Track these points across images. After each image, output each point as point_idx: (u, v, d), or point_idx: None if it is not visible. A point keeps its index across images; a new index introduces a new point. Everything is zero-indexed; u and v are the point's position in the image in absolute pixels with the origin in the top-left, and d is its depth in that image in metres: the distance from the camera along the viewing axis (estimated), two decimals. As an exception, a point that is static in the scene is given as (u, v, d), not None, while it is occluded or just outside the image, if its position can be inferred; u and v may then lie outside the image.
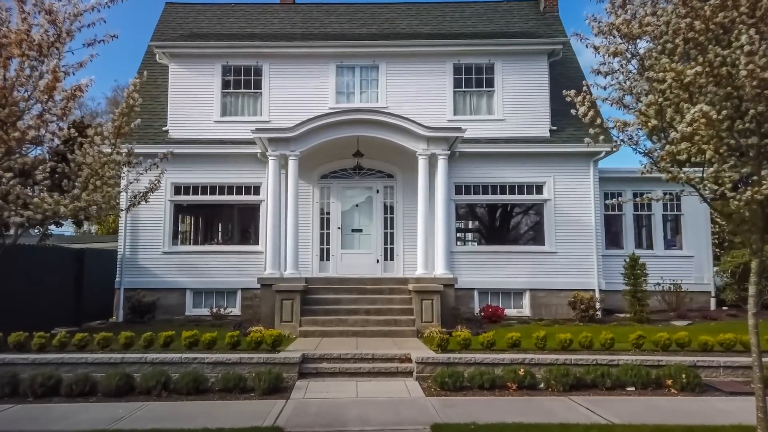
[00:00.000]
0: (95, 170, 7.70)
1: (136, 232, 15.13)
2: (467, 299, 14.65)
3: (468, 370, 8.45)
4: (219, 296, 15.13)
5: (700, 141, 4.82)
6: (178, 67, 15.76)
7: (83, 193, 7.48)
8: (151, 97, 16.61)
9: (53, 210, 6.97)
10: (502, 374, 8.22)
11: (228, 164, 15.23)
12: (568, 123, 15.70)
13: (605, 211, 15.84)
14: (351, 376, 8.88)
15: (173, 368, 8.56)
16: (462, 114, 15.44)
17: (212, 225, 16.29)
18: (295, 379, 8.65)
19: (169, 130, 15.53)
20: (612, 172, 16.07)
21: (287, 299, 12.08)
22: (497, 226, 15.98)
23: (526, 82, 15.47)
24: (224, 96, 15.70)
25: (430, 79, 15.50)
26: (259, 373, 8.20)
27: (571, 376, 7.98)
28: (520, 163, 15.14)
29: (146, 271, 14.99)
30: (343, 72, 15.74)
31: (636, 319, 13.54)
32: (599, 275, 14.81)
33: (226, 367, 8.62)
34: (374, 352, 9.32)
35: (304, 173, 14.76)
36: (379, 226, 15.18)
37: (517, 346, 9.15)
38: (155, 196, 15.11)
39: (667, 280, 15.04)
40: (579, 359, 8.55)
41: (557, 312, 14.66)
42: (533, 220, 15.59)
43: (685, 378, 7.94)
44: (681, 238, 16.26)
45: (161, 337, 9.27)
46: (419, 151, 13.41)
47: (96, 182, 7.66)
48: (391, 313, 12.39)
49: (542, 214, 15.21)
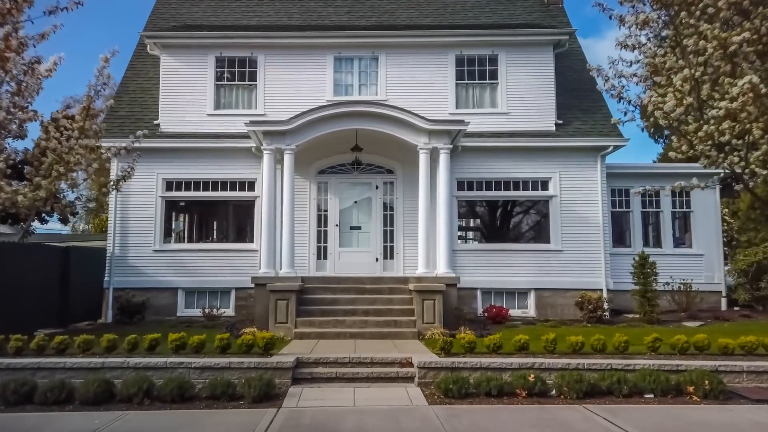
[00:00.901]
0: (60, 155, 7.11)
1: (126, 229, 14.55)
2: (470, 299, 14.08)
3: (473, 375, 7.88)
4: (212, 296, 14.55)
5: (746, 119, 4.26)
6: (170, 58, 15.18)
7: (44, 181, 6.89)
8: (143, 90, 16.06)
9: (11, 200, 6.39)
10: (511, 380, 7.64)
11: (222, 159, 14.66)
12: (574, 117, 15.19)
13: (612, 208, 15.29)
14: (348, 382, 8.31)
15: (158, 374, 7.99)
16: (464, 107, 14.87)
17: (205, 222, 15.71)
18: (288, 385, 8.07)
19: (161, 124, 14.94)
20: (619, 168, 15.52)
21: (282, 299, 11.51)
22: (501, 224, 15.41)
23: (530, 74, 14.91)
24: (218, 88, 15.12)
25: (432, 72, 14.93)
26: (249, 379, 7.62)
27: (584, 382, 7.41)
28: (525, 157, 14.58)
29: (136, 270, 14.41)
30: (342, 64, 15.16)
31: (646, 320, 12.99)
32: (607, 274, 14.25)
33: (215, 373, 8.04)
34: (373, 356, 8.75)
35: (301, 168, 14.21)
36: (378, 223, 14.62)
37: (526, 350, 8.60)
38: (146, 191, 14.73)
39: (676, 279, 14.47)
40: (592, 364, 7.98)
41: (563, 312, 14.11)
42: (538, 217, 15.02)
43: (708, 384, 7.37)
44: (690, 236, 15.71)
45: (146, 339, 8.69)
46: (420, 144, 12.85)
47: (60, 169, 7.08)
48: (391, 313, 11.83)
49: (548, 210, 14.65)
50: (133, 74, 16.58)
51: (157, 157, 14.64)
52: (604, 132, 14.75)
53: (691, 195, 15.60)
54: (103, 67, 7.84)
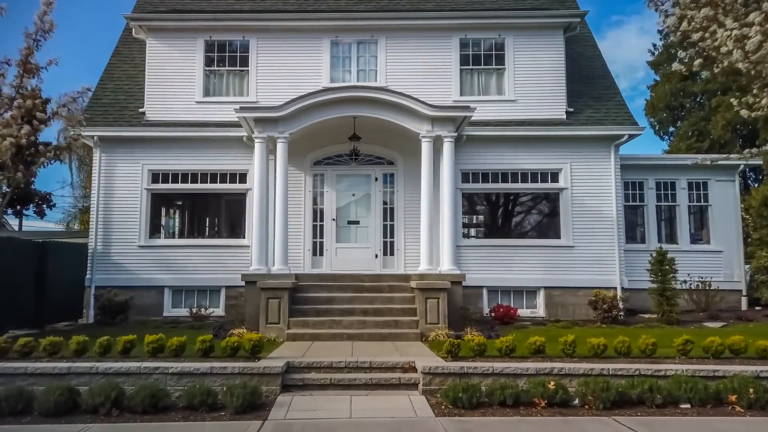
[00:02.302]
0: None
1: (110, 224, 13.67)
2: (475, 298, 13.20)
3: (485, 381, 7.02)
4: (201, 295, 13.67)
5: None
6: (157, 42, 14.29)
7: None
8: (129, 77, 15.17)
9: None
10: (528, 388, 6.77)
11: (211, 149, 13.78)
12: (586, 104, 14.33)
13: (624, 202, 14.40)
14: (344, 389, 7.43)
15: (131, 380, 7.11)
16: (469, 94, 13.98)
17: (194, 216, 14.80)
18: (277, 393, 7.19)
19: (146, 112, 14.05)
20: (632, 159, 14.66)
21: (274, 298, 10.62)
22: (508, 218, 14.52)
23: (540, 59, 14.02)
24: (207, 74, 14.24)
25: (435, 57, 14.05)
26: (232, 386, 6.73)
27: (612, 390, 6.53)
28: (534, 147, 13.70)
29: (120, 268, 13.53)
30: (339, 48, 14.28)
31: (664, 320, 12.12)
32: (621, 272, 13.38)
33: (194, 379, 7.16)
34: (372, 360, 7.86)
35: (295, 159, 13.35)
36: (377, 217, 13.74)
37: (542, 353, 7.73)
38: (130, 184, 13.84)
39: (693, 277, 13.60)
40: (618, 369, 7.10)
41: (575, 312, 13.25)
42: (548, 211, 14.13)
43: (753, 393, 6.49)
44: (708, 232, 14.85)
45: (120, 342, 7.81)
46: (423, 132, 11.99)
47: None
48: (392, 313, 10.95)
49: (558, 204, 13.77)
50: (119, 60, 15.70)
51: (143, 147, 13.78)
52: (618, 120, 13.89)
53: (709, 188, 14.77)
54: (45, 12, 6.82)
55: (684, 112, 33.01)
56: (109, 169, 13.76)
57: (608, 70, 15.36)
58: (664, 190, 14.74)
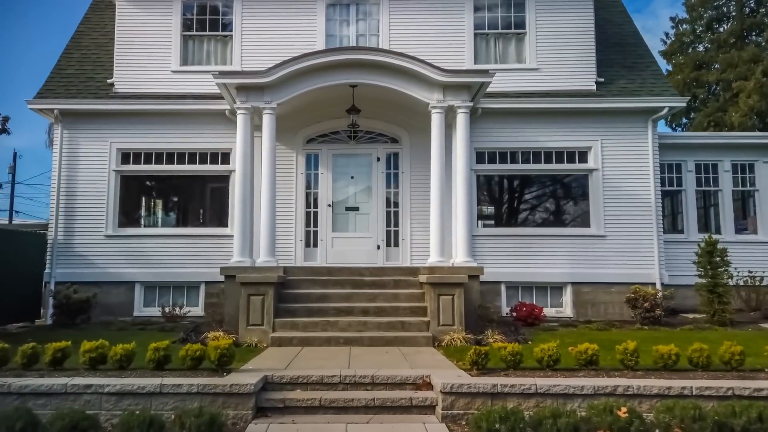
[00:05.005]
0: None
1: (73, 210, 11.92)
2: (492, 295, 11.43)
3: (525, 404, 5.26)
4: (177, 292, 11.92)
5: None
6: (128, 4, 12.50)
7: None
8: (98, 46, 13.40)
9: None
10: (588, 415, 4.98)
11: (190, 125, 12.02)
12: (618, 74, 12.56)
13: (661, 186, 12.63)
14: (338, 413, 5.66)
15: (55, 402, 5.36)
16: (485, 62, 12.18)
17: (170, 202, 13.01)
18: (248, 419, 5.41)
19: (115, 83, 12.28)
20: (669, 138, 12.93)
21: (256, 295, 8.88)
22: (529, 204, 12.71)
23: (565, 21, 12.23)
24: (185, 40, 12.45)
25: (445, 19, 12.26)
26: (185, 412, 4.96)
27: (708, 420, 4.74)
28: (559, 123, 11.93)
29: (85, 260, 11.77)
30: (336, 10, 12.50)
31: (716, 321, 10.35)
32: (660, 265, 11.62)
33: (139, 400, 5.39)
34: (375, 374, 6.10)
35: (286, 136, 11.64)
36: (380, 203, 11.97)
37: (594, 364, 5.97)
38: (96, 164, 12.02)
39: (741, 271, 11.84)
40: (704, 388, 5.33)
41: (607, 311, 11.51)
42: (575, 196, 12.34)
43: None
44: (755, 220, 13.07)
45: (49, 350, 6.05)
46: (433, 102, 10.25)
47: None
48: (397, 313, 9.20)
49: (587, 187, 12.00)
50: (88, 28, 13.93)
51: (111, 122, 12.03)
52: (656, 92, 12.12)
53: (755, 170, 12.99)
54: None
55: (698, 103, 31.49)
56: (72, 148, 12.01)
57: (641, 37, 13.58)
58: (705, 173, 12.98)
